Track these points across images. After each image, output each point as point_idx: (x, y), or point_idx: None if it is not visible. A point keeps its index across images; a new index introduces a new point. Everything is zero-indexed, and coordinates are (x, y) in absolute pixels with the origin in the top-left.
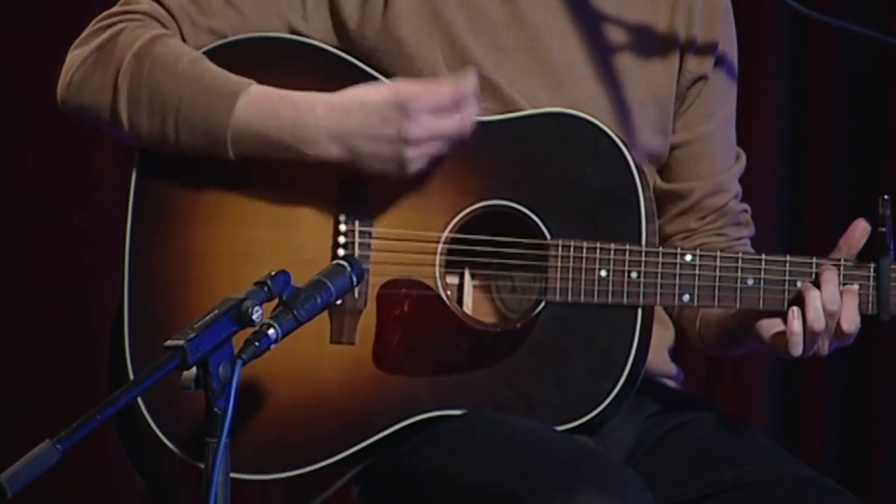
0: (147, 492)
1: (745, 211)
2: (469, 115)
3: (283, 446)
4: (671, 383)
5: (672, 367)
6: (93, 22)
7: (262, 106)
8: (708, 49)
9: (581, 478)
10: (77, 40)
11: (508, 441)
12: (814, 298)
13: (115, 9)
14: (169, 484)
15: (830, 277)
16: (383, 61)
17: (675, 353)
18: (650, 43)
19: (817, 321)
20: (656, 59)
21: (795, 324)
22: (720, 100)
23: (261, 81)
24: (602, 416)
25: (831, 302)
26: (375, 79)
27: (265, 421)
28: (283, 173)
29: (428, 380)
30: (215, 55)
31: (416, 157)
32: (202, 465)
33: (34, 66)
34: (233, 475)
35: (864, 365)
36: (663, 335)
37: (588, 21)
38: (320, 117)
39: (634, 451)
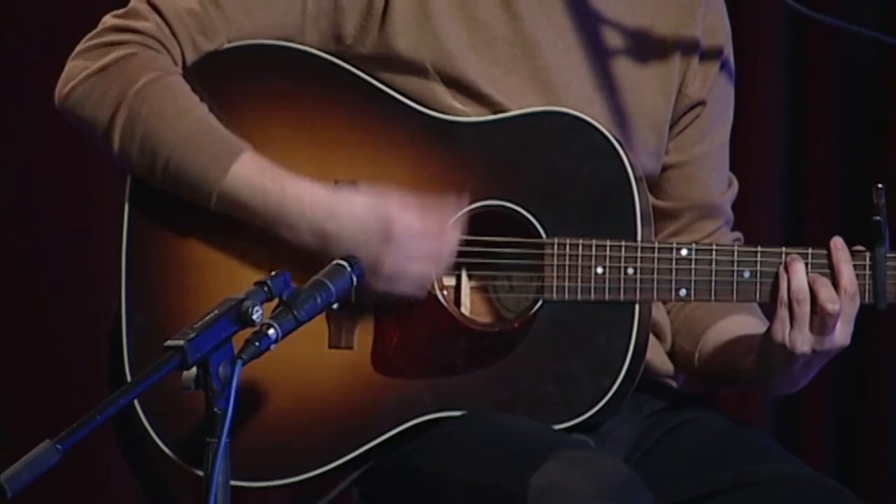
0: (145, 496)
1: (738, 240)
2: (449, 246)
3: (283, 452)
4: (671, 383)
5: (671, 367)
6: (98, 31)
7: (252, 181)
8: (707, 78)
9: (580, 478)
10: (80, 47)
11: (508, 441)
12: (783, 280)
13: (120, 21)
14: (167, 489)
15: (797, 269)
16: (380, 71)
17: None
18: (650, 69)
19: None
20: (655, 84)
21: (781, 309)
22: (716, 124)
23: (258, 89)
24: (601, 414)
25: (799, 291)
26: (371, 86)
27: (265, 427)
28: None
29: (427, 381)
30: (214, 62)
31: (382, 287)
32: (199, 472)
33: (35, 68)
34: (234, 483)
35: (864, 365)
36: (664, 344)
37: (590, 41)
38: (305, 209)
39: (634, 450)
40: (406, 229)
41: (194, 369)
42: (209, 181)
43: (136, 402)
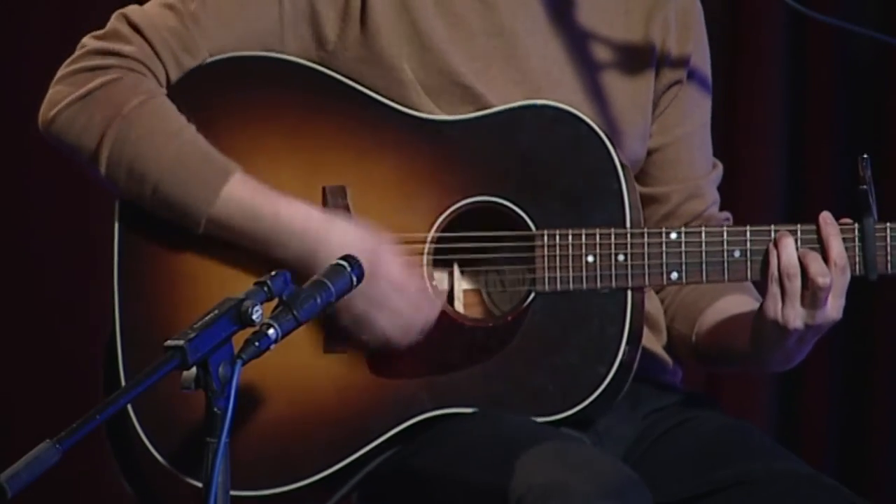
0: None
1: (727, 220)
2: (423, 318)
3: (282, 459)
4: (670, 380)
5: (669, 360)
6: (79, 54)
7: (243, 204)
8: (683, 56)
9: (581, 478)
10: (62, 72)
11: (508, 441)
12: (773, 257)
13: (103, 44)
14: (161, 499)
15: (786, 244)
16: (363, 72)
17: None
18: (627, 51)
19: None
20: (634, 68)
21: (773, 285)
22: (695, 104)
23: (241, 100)
24: (599, 403)
25: (790, 266)
26: (354, 90)
27: (264, 435)
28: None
29: (424, 380)
30: (197, 76)
31: (350, 324)
32: (194, 481)
33: (34, 69)
34: (235, 493)
35: (864, 365)
36: (659, 338)
37: (567, 29)
38: (297, 231)
39: (634, 449)
40: (388, 275)
41: (194, 369)
42: (199, 205)
43: (130, 412)
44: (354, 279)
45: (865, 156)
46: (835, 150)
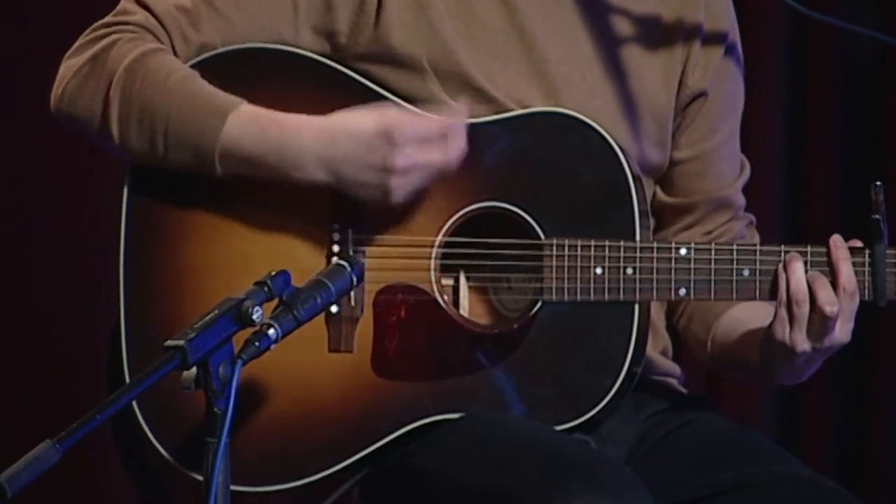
0: (142, 499)
1: (751, 223)
2: (455, 148)
3: (285, 457)
4: (672, 381)
5: (671, 366)
6: (87, 31)
7: (249, 127)
8: (709, 65)
9: (581, 478)
10: (71, 49)
11: (508, 442)
12: (782, 280)
13: (108, 19)
14: (165, 493)
15: (795, 268)
16: (374, 69)
17: (676, 354)
18: (652, 56)
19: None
20: (656, 72)
21: (781, 309)
22: (724, 115)
23: (252, 92)
24: (602, 414)
25: (798, 292)
26: (366, 87)
27: (267, 433)
28: (276, 184)
29: (428, 384)
30: (205, 66)
31: (400, 187)
32: (198, 476)
33: (34, 68)
34: (236, 488)
35: (864, 365)
36: (657, 342)
37: (588, 31)
38: (306, 142)
39: (635, 451)
40: (407, 136)
41: (194, 369)
42: (209, 138)
43: (134, 405)
44: (354, 279)
45: (878, 183)
46: (835, 150)
